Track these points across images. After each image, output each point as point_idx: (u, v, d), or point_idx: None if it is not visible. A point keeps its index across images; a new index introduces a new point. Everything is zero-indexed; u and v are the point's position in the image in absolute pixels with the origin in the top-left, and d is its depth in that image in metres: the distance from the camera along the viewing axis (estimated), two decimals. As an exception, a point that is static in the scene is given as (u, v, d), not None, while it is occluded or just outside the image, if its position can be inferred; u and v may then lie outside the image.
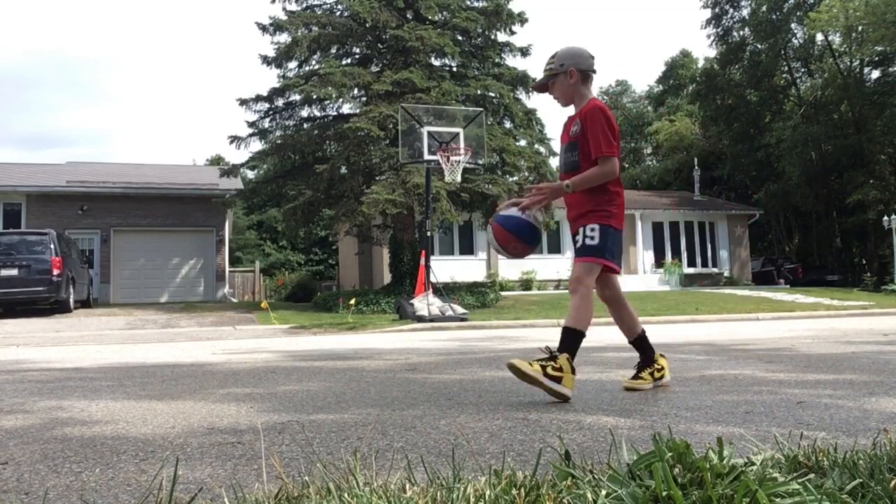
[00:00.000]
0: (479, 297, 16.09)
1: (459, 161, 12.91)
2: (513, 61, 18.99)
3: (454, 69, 18.20)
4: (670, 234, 25.47)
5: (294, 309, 16.75)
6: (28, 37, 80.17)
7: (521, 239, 3.23)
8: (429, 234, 13.31)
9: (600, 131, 3.09)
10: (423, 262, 12.98)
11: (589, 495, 1.23)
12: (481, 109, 14.52)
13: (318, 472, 1.69)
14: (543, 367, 2.96)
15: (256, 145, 20.31)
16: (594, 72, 3.27)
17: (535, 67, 70.32)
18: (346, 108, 17.94)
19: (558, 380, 2.94)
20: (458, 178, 13.39)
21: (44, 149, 75.37)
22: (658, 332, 9.15)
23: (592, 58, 3.28)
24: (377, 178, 16.13)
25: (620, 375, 3.98)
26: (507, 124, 18.36)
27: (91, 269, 19.37)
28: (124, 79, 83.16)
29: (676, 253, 25.26)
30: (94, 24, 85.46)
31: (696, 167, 29.14)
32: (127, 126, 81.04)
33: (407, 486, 1.37)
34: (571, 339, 3.10)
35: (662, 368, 3.39)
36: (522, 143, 17.95)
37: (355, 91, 17.29)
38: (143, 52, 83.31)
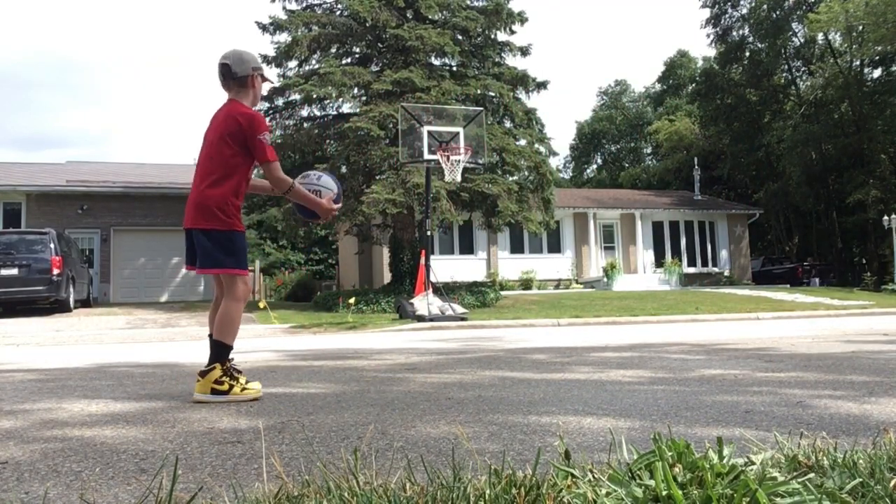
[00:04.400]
0: (478, 297, 16.09)
1: (459, 161, 12.90)
2: (513, 61, 18.98)
3: (454, 69, 18.20)
4: (670, 234, 25.47)
5: (294, 308, 16.75)
6: (27, 37, 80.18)
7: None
8: (429, 233, 13.31)
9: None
10: (423, 261, 12.98)
11: (589, 495, 1.23)
12: (481, 109, 14.51)
13: (318, 471, 1.69)
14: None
15: (256, 145, 20.33)
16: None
17: (535, 67, 70.42)
18: (346, 108, 17.95)
19: None
20: (458, 178, 13.39)
21: (42, 149, 75.41)
22: (658, 332, 9.15)
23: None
24: (377, 178, 16.13)
25: (620, 375, 3.98)
26: (507, 124, 18.36)
27: (91, 268, 19.36)
28: (123, 79, 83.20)
29: (676, 252, 25.27)
30: (93, 25, 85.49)
31: (696, 167, 29.14)
32: (126, 126, 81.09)
33: (407, 486, 1.37)
34: None
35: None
36: (522, 142, 17.94)
37: (355, 90, 17.29)
38: (142, 53, 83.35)
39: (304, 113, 18.24)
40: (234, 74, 3.27)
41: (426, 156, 12.97)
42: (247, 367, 4.95)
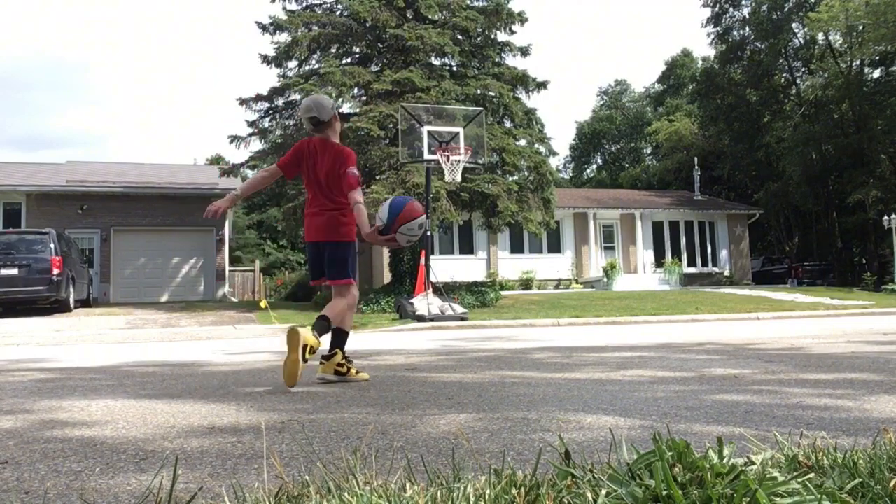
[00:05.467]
0: (478, 297, 16.09)
1: (459, 160, 12.90)
2: (513, 61, 18.98)
3: (454, 69, 18.20)
4: (670, 234, 25.48)
5: (294, 308, 16.75)
6: (26, 38, 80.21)
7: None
8: (429, 233, 13.31)
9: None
10: (423, 261, 12.98)
11: (589, 495, 1.23)
12: (481, 109, 14.51)
13: (318, 471, 1.69)
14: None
15: (256, 145, 20.28)
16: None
17: (535, 67, 70.41)
18: (346, 108, 17.94)
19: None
20: (458, 178, 13.39)
21: (41, 150, 75.38)
22: (658, 332, 9.15)
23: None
24: (377, 178, 16.13)
25: (620, 375, 3.98)
26: (507, 124, 18.36)
27: (91, 268, 19.36)
28: (123, 80, 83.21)
29: (676, 252, 25.27)
30: (93, 25, 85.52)
31: (696, 167, 29.15)
32: (126, 127, 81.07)
33: (407, 486, 1.37)
34: None
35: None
36: (522, 142, 17.95)
37: (355, 90, 17.29)
38: (142, 53, 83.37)
39: (305, 113, 18.23)
40: (322, 120, 3.92)
41: (426, 156, 12.98)
42: (247, 368, 4.95)
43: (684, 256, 25.32)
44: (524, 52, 18.61)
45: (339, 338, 3.89)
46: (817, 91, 31.42)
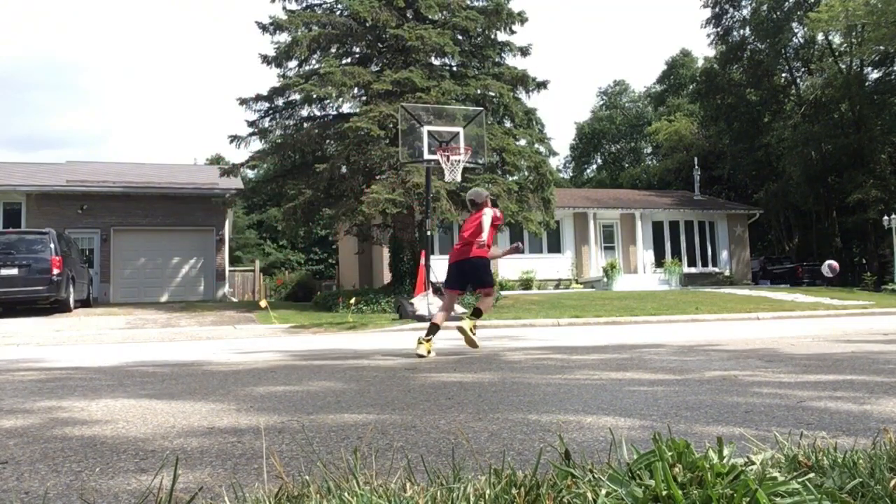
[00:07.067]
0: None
1: (459, 160, 12.88)
2: (513, 61, 18.96)
3: (454, 68, 18.19)
4: (670, 234, 25.47)
5: (294, 308, 16.75)
6: (24, 39, 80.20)
7: None
8: (429, 233, 13.31)
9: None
10: (423, 261, 12.98)
11: (589, 495, 1.23)
12: (481, 109, 14.49)
13: (318, 471, 1.69)
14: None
15: (256, 145, 20.28)
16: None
17: (535, 67, 70.39)
18: (346, 108, 17.93)
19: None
20: (458, 178, 13.37)
21: (41, 150, 75.39)
22: (658, 332, 9.15)
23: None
24: (377, 178, 16.12)
25: (620, 375, 3.98)
26: (507, 124, 18.35)
27: (91, 268, 19.36)
28: (123, 80, 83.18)
29: (676, 252, 25.27)
30: (92, 26, 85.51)
31: (696, 167, 29.15)
32: (125, 127, 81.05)
33: (407, 486, 1.37)
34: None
35: None
36: (522, 142, 17.93)
37: (355, 90, 17.27)
38: (142, 53, 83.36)
39: (304, 113, 18.23)
40: (478, 203, 6.28)
41: (426, 156, 12.96)
42: (247, 368, 4.95)
43: (684, 256, 25.31)
44: (524, 52, 18.60)
45: (479, 314, 6.23)
46: (817, 91, 31.43)
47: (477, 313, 6.16)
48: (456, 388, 3.49)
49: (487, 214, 6.01)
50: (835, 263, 21.15)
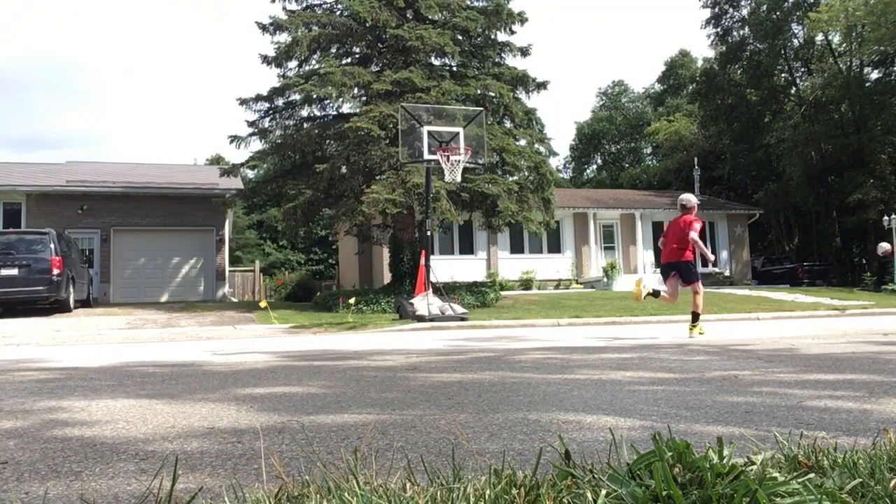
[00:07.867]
0: (479, 297, 16.09)
1: (459, 161, 12.89)
2: (513, 61, 18.96)
3: (454, 69, 18.19)
4: (670, 234, 25.43)
5: (294, 308, 16.74)
6: (23, 39, 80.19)
7: None
8: (429, 233, 13.31)
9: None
10: (423, 261, 12.97)
11: (589, 495, 1.23)
12: (481, 109, 14.50)
13: (318, 471, 1.69)
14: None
15: (256, 145, 20.27)
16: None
17: (535, 67, 70.39)
18: (346, 108, 17.93)
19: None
20: (458, 178, 13.38)
21: (40, 150, 75.40)
22: (658, 332, 9.15)
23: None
24: (377, 178, 16.11)
25: (620, 375, 3.98)
26: (507, 124, 18.35)
27: (91, 268, 19.35)
28: (123, 80, 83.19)
29: (676, 253, 25.23)
30: (92, 26, 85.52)
31: (696, 167, 29.13)
32: (125, 127, 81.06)
33: (407, 486, 1.37)
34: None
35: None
36: (522, 142, 17.93)
37: (355, 90, 17.26)
38: (142, 53, 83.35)
39: (305, 113, 18.23)
40: (688, 209, 8.42)
41: (426, 156, 12.97)
42: (247, 368, 4.95)
43: (684, 256, 25.27)
44: (524, 52, 18.60)
45: (697, 316, 8.37)
46: (817, 91, 31.43)
47: (696, 317, 8.66)
48: (456, 388, 3.49)
49: (696, 229, 8.29)
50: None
